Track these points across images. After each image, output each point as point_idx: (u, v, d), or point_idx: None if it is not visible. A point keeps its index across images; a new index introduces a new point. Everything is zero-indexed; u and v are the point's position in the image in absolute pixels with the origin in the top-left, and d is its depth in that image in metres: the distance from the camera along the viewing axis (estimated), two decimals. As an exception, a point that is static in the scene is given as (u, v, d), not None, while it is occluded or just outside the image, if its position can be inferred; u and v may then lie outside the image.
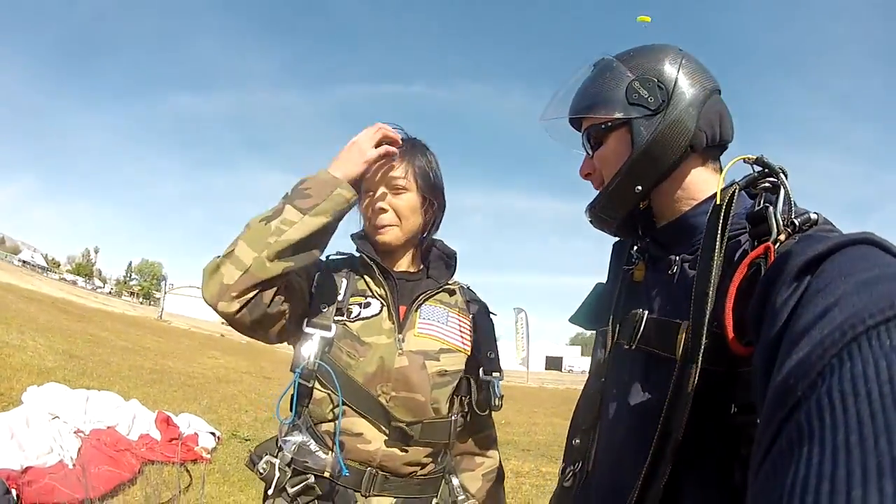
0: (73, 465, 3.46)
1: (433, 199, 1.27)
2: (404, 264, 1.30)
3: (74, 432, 3.86)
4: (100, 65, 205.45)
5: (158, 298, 55.30)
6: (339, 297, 1.20)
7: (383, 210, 1.20)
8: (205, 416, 5.55)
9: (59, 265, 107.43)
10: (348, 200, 1.07)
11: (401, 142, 1.20)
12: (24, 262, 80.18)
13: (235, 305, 1.01)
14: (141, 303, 73.87)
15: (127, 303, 55.35)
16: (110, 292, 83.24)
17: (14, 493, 2.85)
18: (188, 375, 9.67)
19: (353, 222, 1.30)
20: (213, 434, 5.12)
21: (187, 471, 4.12)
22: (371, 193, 1.22)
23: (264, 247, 1.00)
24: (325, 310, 1.17)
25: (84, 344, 10.29)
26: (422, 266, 1.32)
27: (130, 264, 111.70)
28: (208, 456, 4.63)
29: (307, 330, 1.16)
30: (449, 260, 1.33)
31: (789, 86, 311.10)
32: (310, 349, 1.14)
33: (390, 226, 1.21)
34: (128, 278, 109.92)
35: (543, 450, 7.83)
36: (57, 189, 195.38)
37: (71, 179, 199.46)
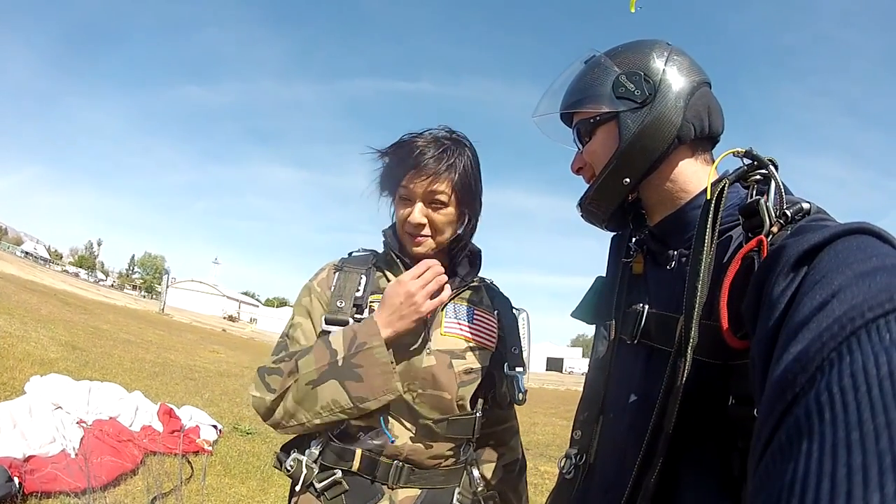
0: (76, 454, 3.47)
1: (469, 210, 1.24)
2: None
3: (77, 422, 3.88)
4: (106, 54, 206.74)
5: (160, 292, 55.34)
6: (359, 294, 1.20)
7: (421, 224, 1.17)
8: (207, 410, 5.59)
9: (61, 257, 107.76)
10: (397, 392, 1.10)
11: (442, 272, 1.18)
12: (26, 253, 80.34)
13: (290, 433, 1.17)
14: (143, 296, 73.94)
15: (129, 296, 55.61)
16: (112, 285, 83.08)
17: (16, 480, 2.87)
18: (190, 369, 9.71)
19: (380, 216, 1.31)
20: (214, 427, 5.16)
21: (189, 462, 4.14)
22: (408, 201, 1.18)
23: (316, 415, 1.09)
24: (341, 305, 1.18)
25: (86, 336, 10.33)
26: (447, 264, 1.29)
27: (133, 257, 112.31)
28: (210, 448, 4.66)
29: (325, 327, 1.17)
30: (474, 258, 1.32)
31: (796, 90, 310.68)
32: None
33: (425, 238, 1.20)
34: (130, 271, 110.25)
35: (542, 449, 7.85)
36: (61, 180, 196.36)
37: (75, 170, 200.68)
